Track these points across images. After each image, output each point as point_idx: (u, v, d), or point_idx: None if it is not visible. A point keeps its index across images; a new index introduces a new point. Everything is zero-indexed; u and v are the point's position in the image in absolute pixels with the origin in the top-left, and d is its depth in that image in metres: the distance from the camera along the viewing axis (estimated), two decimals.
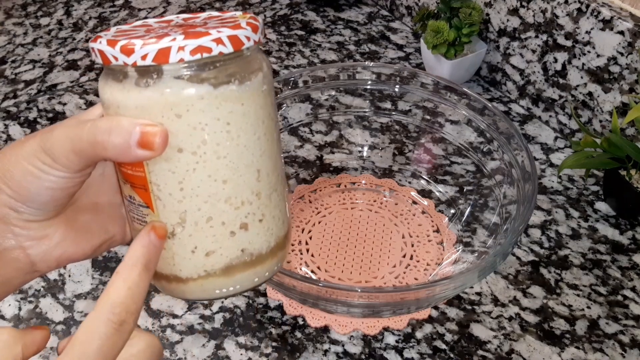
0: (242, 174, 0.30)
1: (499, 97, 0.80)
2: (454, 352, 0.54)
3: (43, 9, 0.97)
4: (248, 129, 0.29)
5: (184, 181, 0.29)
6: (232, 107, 0.29)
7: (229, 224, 0.30)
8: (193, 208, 0.30)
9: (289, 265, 0.60)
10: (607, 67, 0.66)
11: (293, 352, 0.53)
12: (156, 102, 0.28)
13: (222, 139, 0.29)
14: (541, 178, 0.69)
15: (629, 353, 0.54)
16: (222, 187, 0.29)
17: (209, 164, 0.29)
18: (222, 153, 0.29)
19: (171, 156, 0.28)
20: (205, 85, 0.28)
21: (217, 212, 0.30)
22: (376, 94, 0.67)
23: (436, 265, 0.60)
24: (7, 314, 0.56)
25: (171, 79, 0.27)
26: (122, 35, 0.29)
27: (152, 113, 0.28)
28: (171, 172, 0.29)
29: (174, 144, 0.28)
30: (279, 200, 0.32)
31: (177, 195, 0.29)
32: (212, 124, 0.28)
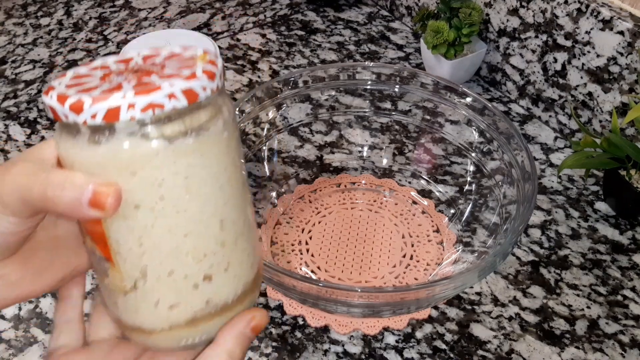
0: (205, 226, 0.29)
1: (499, 97, 0.80)
2: (454, 352, 0.54)
3: (43, 9, 0.97)
4: (208, 180, 0.28)
5: (143, 237, 0.28)
6: (190, 160, 0.27)
7: (192, 277, 0.29)
8: (154, 262, 0.29)
9: (289, 265, 0.60)
10: (607, 67, 0.66)
11: (293, 352, 0.53)
12: (110, 160, 0.26)
13: (181, 193, 0.27)
14: (541, 178, 0.69)
15: (629, 353, 0.54)
16: (183, 240, 0.28)
17: (168, 219, 0.28)
18: (181, 207, 0.28)
19: (128, 213, 0.27)
20: (159, 141, 0.26)
21: (178, 265, 0.29)
22: (376, 94, 0.67)
23: (436, 265, 0.60)
24: (7, 314, 0.56)
25: (124, 136, 0.26)
26: (76, 85, 0.27)
27: (106, 171, 0.26)
28: (129, 228, 0.28)
29: (130, 201, 0.27)
30: (246, 245, 0.31)
31: (137, 251, 0.28)
32: (169, 179, 0.27)
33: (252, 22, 0.94)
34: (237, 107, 0.60)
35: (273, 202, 0.65)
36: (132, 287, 0.29)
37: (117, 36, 0.91)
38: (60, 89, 0.27)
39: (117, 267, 0.29)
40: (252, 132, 0.64)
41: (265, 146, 0.66)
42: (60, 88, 0.27)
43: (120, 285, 0.29)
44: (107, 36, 0.91)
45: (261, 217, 0.63)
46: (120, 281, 0.29)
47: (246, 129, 0.62)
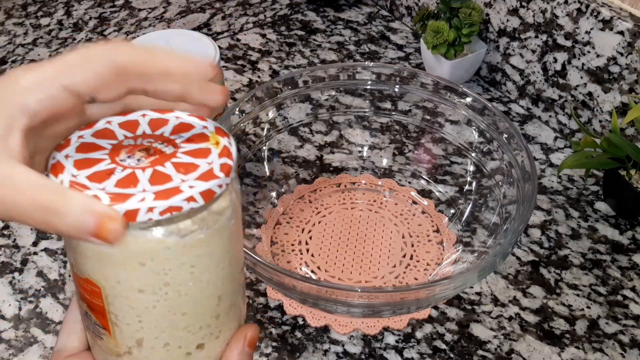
0: (203, 304, 0.30)
1: (499, 97, 0.80)
2: (454, 352, 0.54)
3: (43, 9, 0.97)
4: (212, 266, 0.29)
5: (142, 315, 0.29)
6: (199, 252, 0.28)
7: (185, 347, 0.30)
8: (150, 336, 0.29)
9: (289, 265, 0.60)
10: (607, 67, 0.66)
11: (293, 352, 0.53)
12: (120, 251, 0.27)
13: (185, 280, 0.28)
14: (541, 178, 0.69)
15: (628, 353, 0.54)
16: (181, 318, 0.29)
17: (170, 302, 0.28)
18: (184, 291, 0.28)
19: (131, 295, 0.28)
20: (172, 236, 0.27)
21: (174, 338, 0.30)
22: (376, 94, 0.67)
23: (436, 265, 0.60)
24: (7, 314, 0.56)
25: (136, 231, 0.26)
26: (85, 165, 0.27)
27: (115, 259, 0.27)
28: (131, 307, 0.28)
29: (135, 285, 0.28)
30: (236, 311, 0.32)
31: (135, 326, 0.29)
32: (176, 269, 0.28)
33: (252, 22, 0.94)
34: (237, 107, 0.60)
35: (273, 202, 0.65)
36: (126, 352, 0.30)
37: (117, 36, 0.91)
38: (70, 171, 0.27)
39: (112, 335, 0.30)
40: (252, 132, 0.64)
41: (265, 146, 0.66)
42: (70, 169, 0.27)
43: (113, 349, 0.30)
44: (107, 36, 0.91)
45: (261, 217, 0.63)
46: (114, 346, 0.30)
47: (246, 129, 0.62)
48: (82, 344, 0.33)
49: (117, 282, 0.28)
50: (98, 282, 0.28)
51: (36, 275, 0.59)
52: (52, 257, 0.61)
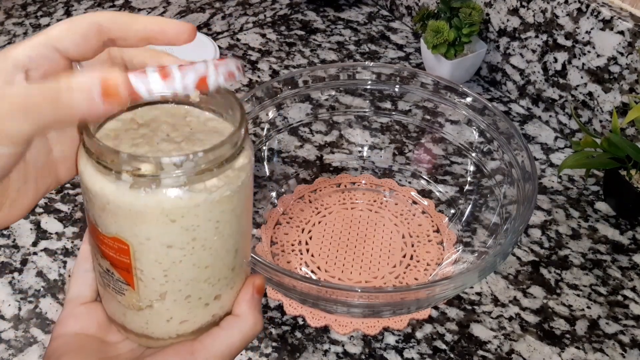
0: (223, 257, 0.32)
1: (499, 97, 0.80)
2: (454, 352, 0.54)
3: (43, 9, 0.97)
4: (234, 221, 0.31)
5: (169, 270, 0.30)
6: (224, 207, 0.30)
7: (205, 298, 0.32)
8: (174, 289, 0.31)
9: (289, 265, 0.60)
10: (607, 67, 0.66)
11: (293, 352, 0.53)
12: (152, 209, 0.28)
13: (210, 235, 0.30)
14: (541, 178, 0.69)
15: (629, 353, 0.54)
16: (204, 271, 0.31)
17: (195, 256, 0.30)
18: (208, 245, 0.30)
19: (159, 250, 0.29)
20: (201, 194, 0.28)
21: (196, 291, 0.31)
22: (376, 94, 0.67)
23: (436, 265, 0.60)
24: (7, 314, 0.56)
25: (168, 188, 0.28)
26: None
27: (146, 217, 0.28)
28: (158, 262, 0.30)
29: (164, 241, 0.29)
30: (246, 263, 0.34)
31: (160, 280, 0.30)
32: (203, 225, 0.29)
33: (252, 22, 0.94)
34: None
35: (273, 202, 0.65)
36: (148, 306, 0.31)
37: None
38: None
39: (136, 290, 0.31)
40: (252, 132, 0.64)
41: (265, 146, 0.66)
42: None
43: (135, 304, 0.31)
44: None
45: (261, 217, 0.63)
46: (136, 301, 0.31)
47: None
48: (94, 294, 0.35)
49: (147, 238, 0.29)
50: (127, 240, 0.29)
51: (36, 275, 0.59)
52: (52, 257, 0.61)
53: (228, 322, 0.33)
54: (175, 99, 0.32)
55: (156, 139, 0.30)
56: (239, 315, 0.33)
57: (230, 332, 0.33)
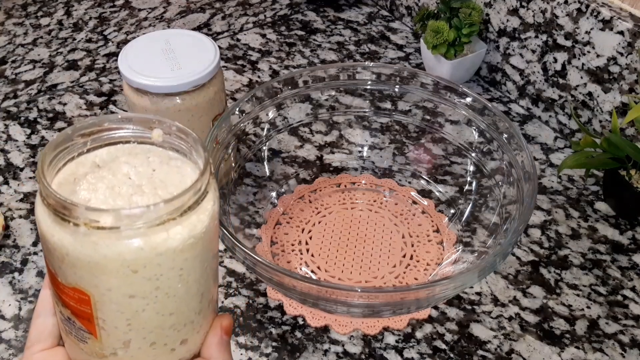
0: (188, 303, 0.31)
1: (499, 97, 0.80)
2: (454, 352, 0.54)
3: (43, 9, 0.97)
4: (198, 267, 0.30)
5: (132, 319, 0.29)
6: (188, 255, 0.29)
7: (171, 344, 0.31)
8: (138, 337, 0.30)
9: (289, 265, 0.60)
10: (607, 67, 0.66)
11: (293, 352, 0.53)
12: (112, 261, 0.27)
13: (174, 283, 0.29)
14: (541, 178, 0.69)
15: (628, 353, 0.54)
16: (168, 318, 0.30)
17: (159, 304, 0.29)
18: (172, 293, 0.29)
19: (121, 300, 0.28)
20: (164, 243, 0.27)
21: (161, 337, 0.31)
22: (376, 94, 0.67)
23: (436, 265, 0.60)
24: (7, 314, 0.56)
25: (129, 239, 0.27)
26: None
27: (106, 268, 0.27)
28: (120, 312, 0.29)
29: (126, 292, 0.28)
30: (213, 304, 0.34)
31: (123, 329, 0.30)
32: (166, 274, 0.28)
33: (252, 22, 0.94)
34: (237, 107, 0.60)
35: (273, 202, 0.65)
36: (111, 354, 0.31)
37: (117, 36, 0.91)
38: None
39: (99, 339, 0.30)
40: (252, 132, 0.64)
41: (265, 146, 0.66)
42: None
43: (98, 352, 0.31)
44: (107, 36, 0.91)
45: (261, 217, 0.63)
46: (99, 349, 0.30)
47: (246, 129, 0.62)
48: (55, 340, 0.34)
49: (108, 289, 0.28)
50: (87, 290, 0.28)
51: (36, 275, 0.59)
52: None
53: None
54: (137, 139, 0.32)
55: (117, 182, 0.30)
56: (208, 359, 0.33)
57: None
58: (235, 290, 0.58)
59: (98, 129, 0.31)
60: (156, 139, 0.31)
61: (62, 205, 0.27)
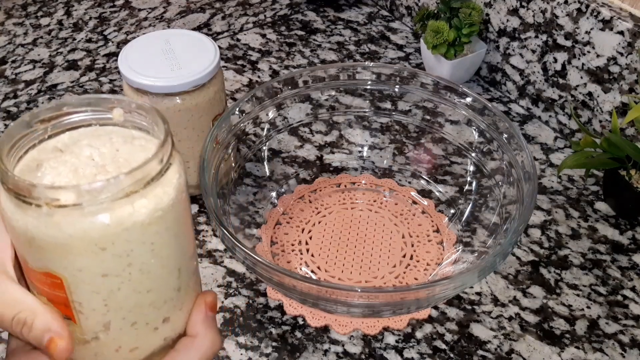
0: (165, 280, 0.30)
1: (499, 97, 0.80)
2: (454, 352, 0.54)
3: (43, 9, 0.97)
4: (171, 240, 0.30)
5: (108, 298, 0.29)
6: (157, 228, 0.28)
7: (153, 323, 0.31)
8: (117, 318, 0.30)
9: (289, 265, 0.60)
10: (607, 67, 0.66)
11: (293, 352, 0.53)
12: (79, 240, 0.27)
13: (147, 258, 0.29)
14: (541, 178, 0.69)
15: (629, 353, 0.54)
16: (146, 296, 0.30)
17: (134, 282, 0.29)
18: (146, 269, 0.29)
19: (95, 280, 0.28)
20: (130, 217, 0.27)
21: (141, 316, 0.30)
22: (376, 94, 0.67)
23: (436, 265, 0.60)
24: None
25: (93, 216, 0.26)
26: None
27: (74, 249, 0.27)
28: (95, 292, 0.29)
29: (97, 271, 0.28)
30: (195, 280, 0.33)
31: (101, 310, 0.29)
32: (137, 249, 0.28)
33: (252, 22, 0.94)
34: (237, 107, 0.60)
35: (273, 202, 0.65)
36: (93, 338, 0.30)
37: (117, 36, 0.91)
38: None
39: (78, 323, 0.30)
40: (252, 132, 0.64)
41: (265, 146, 0.66)
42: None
43: (79, 337, 0.30)
44: (107, 36, 0.91)
45: (261, 217, 0.63)
46: (80, 334, 0.30)
47: (246, 129, 0.62)
48: None
49: (79, 270, 0.28)
50: (59, 273, 0.28)
51: None
52: None
53: (184, 344, 0.32)
54: (99, 121, 0.31)
55: (80, 164, 0.29)
56: (195, 336, 0.32)
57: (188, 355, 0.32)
58: (235, 290, 0.58)
59: (57, 114, 0.31)
60: (117, 118, 0.31)
61: (21, 187, 0.26)
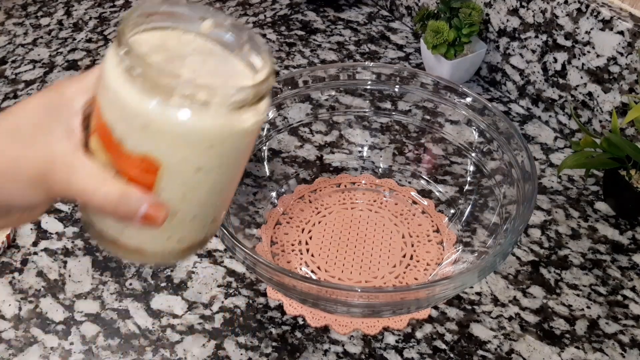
0: (233, 185, 0.34)
1: (499, 97, 0.80)
2: (454, 352, 0.54)
3: (43, 9, 0.97)
4: (248, 153, 0.33)
5: (188, 191, 0.31)
6: (250, 139, 0.31)
7: (206, 220, 0.34)
8: (186, 210, 0.32)
9: (289, 265, 0.60)
10: (606, 67, 0.66)
11: (293, 352, 0.53)
12: (197, 133, 0.29)
13: (234, 161, 0.32)
14: (541, 178, 0.69)
15: (628, 353, 0.54)
16: (216, 196, 0.33)
17: (216, 181, 0.32)
18: (228, 172, 0.32)
19: (189, 172, 0.30)
20: (240, 124, 0.30)
21: (202, 213, 0.33)
22: (376, 94, 0.67)
23: (436, 265, 0.60)
24: (7, 314, 0.56)
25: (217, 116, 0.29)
26: None
27: (188, 139, 0.29)
28: (182, 184, 0.31)
29: (196, 164, 0.30)
30: None
31: (177, 201, 0.31)
32: (233, 152, 0.31)
33: (252, 22, 0.94)
34: None
35: (273, 202, 0.65)
36: None
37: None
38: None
39: None
40: None
41: (265, 146, 0.66)
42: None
43: None
44: (107, 36, 0.91)
45: (261, 217, 0.63)
46: None
47: None
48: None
49: (180, 160, 0.30)
50: (159, 160, 0.30)
51: (36, 275, 0.59)
52: (52, 257, 0.61)
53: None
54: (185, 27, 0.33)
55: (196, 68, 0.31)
56: None
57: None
58: (235, 290, 0.58)
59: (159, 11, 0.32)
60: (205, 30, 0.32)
61: (157, 75, 0.28)
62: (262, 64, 0.32)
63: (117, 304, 0.57)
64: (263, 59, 0.32)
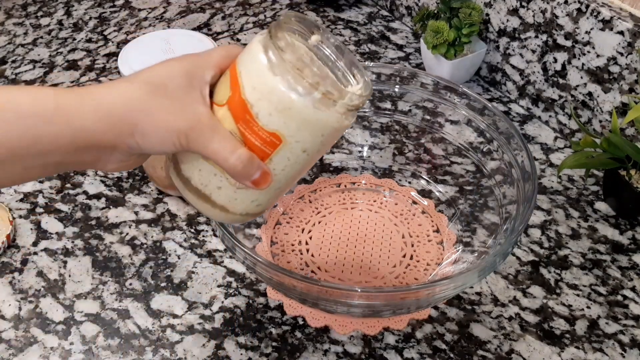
0: (304, 174, 0.41)
1: (499, 97, 0.80)
2: (454, 352, 0.54)
3: (43, 9, 0.97)
4: (333, 142, 0.40)
5: (288, 167, 0.37)
6: (339, 135, 0.39)
7: (282, 192, 0.40)
8: (277, 181, 0.38)
9: (289, 265, 0.60)
10: (606, 67, 0.66)
11: (293, 352, 0.53)
12: (319, 123, 0.36)
13: (324, 151, 0.39)
14: (541, 178, 0.69)
15: (628, 353, 0.54)
16: (299, 176, 0.40)
17: (308, 163, 0.39)
18: (317, 157, 0.39)
19: (298, 152, 0.37)
20: (344, 121, 0.37)
21: (285, 186, 0.40)
22: (376, 94, 0.67)
23: (436, 265, 0.60)
24: (7, 314, 0.56)
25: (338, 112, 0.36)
26: None
27: (311, 126, 0.36)
28: (288, 159, 0.37)
29: (305, 147, 0.37)
30: None
31: (276, 171, 0.37)
32: (329, 143, 0.38)
33: (252, 22, 0.94)
34: None
35: None
36: (243, 188, 0.38)
37: (117, 36, 0.91)
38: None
39: None
40: None
41: None
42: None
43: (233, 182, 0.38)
44: (107, 36, 0.91)
45: (261, 217, 0.63)
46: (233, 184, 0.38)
47: None
48: None
49: (300, 140, 0.36)
50: (285, 137, 0.36)
51: (36, 275, 0.59)
52: (52, 257, 0.61)
53: None
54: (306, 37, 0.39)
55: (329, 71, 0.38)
56: None
57: None
58: (235, 290, 0.58)
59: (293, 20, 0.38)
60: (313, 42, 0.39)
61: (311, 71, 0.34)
62: (362, 79, 0.39)
63: (117, 304, 0.57)
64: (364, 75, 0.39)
